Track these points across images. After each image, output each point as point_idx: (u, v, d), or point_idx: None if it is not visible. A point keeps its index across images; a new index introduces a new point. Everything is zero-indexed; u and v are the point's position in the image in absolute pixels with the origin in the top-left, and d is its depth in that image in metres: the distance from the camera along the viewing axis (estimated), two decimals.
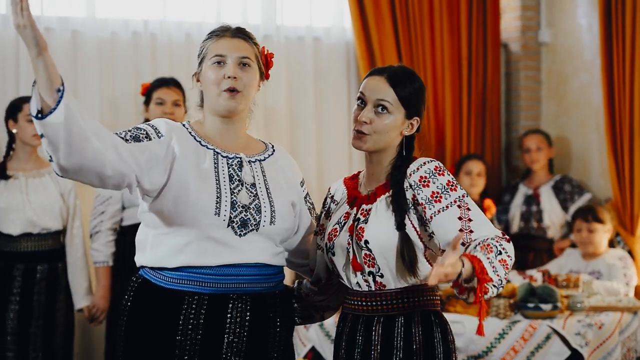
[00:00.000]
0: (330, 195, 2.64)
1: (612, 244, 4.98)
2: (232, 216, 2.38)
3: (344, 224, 2.49)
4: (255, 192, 2.44)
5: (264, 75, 2.60)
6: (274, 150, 2.62)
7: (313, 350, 4.22)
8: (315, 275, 2.65)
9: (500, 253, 2.30)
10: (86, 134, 2.15)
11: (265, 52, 2.58)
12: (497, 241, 2.32)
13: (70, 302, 4.35)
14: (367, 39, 5.37)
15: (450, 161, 5.61)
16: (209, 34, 2.52)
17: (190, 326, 2.36)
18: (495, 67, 5.79)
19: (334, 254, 2.48)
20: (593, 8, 5.39)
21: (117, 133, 2.33)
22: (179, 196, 2.35)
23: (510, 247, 2.33)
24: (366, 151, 2.49)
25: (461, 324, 4.00)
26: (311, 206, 2.66)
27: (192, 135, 2.46)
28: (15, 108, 4.24)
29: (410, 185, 2.41)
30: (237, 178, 2.44)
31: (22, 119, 4.20)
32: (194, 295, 2.37)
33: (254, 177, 2.47)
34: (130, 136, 2.34)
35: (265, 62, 2.58)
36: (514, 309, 4.13)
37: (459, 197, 2.37)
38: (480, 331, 2.36)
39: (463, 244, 2.32)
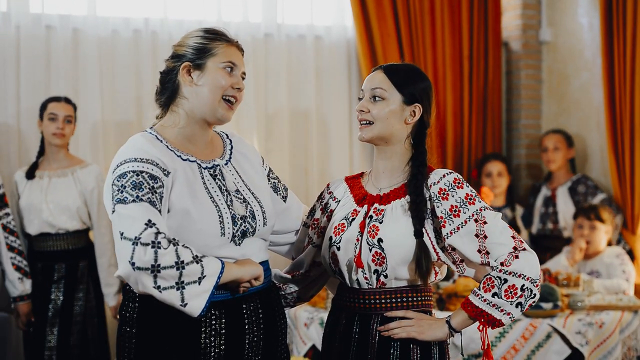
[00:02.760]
0: (329, 192, 2.64)
1: (611, 244, 4.97)
2: (235, 231, 2.37)
3: (353, 219, 2.49)
4: (242, 198, 2.44)
5: None
6: (230, 141, 2.57)
7: (313, 348, 4.22)
8: (298, 263, 2.66)
9: (506, 281, 2.35)
10: None
11: None
12: (500, 271, 2.36)
13: (96, 300, 4.38)
14: (368, 38, 5.37)
15: (452, 160, 5.61)
16: (214, 34, 2.44)
17: (213, 332, 2.35)
18: (496, 65, 5.80)
19: (338, 249, 2.48)
20: (594, 7, 5.39)
21: (154, 203, 2.23)
22: (183, 224, 2.31)
23: (522, 262, 2.35)
24: (371, 141, 2.49)
25: None
26: (276, 181, 2.65)
27: (171, 150, 2.39)
28: (42, 107, 4.33)
29: (430, 198, 2.43)
30: (225, 188, 2.42)
31: (45, 118, 4.30)
32: (210, 304, 2.34)
33: (235, 183, 2.46)
34: (159, 200, 2.26)
35: None
36: None
37: (477, 210, 2.39)
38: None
39: (482, 264, 2.41)
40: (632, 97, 4.98)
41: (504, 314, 2.36)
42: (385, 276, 2.43)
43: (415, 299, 2.46)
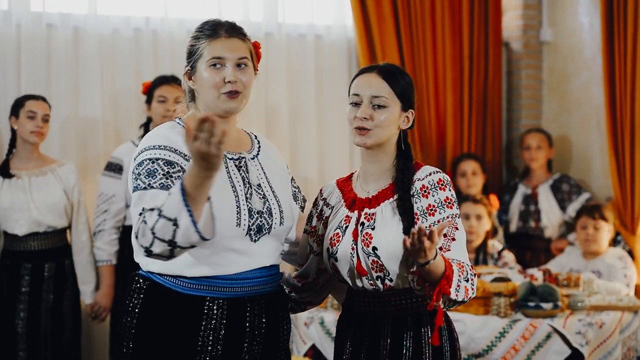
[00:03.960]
0: (322, 198, 2.62)
1: (612, 244, 4.97)
2: (250, 224, 2.37)
3: (346, 228, 2.47)
4: (262, 194, 2.44)
5: (255, 69, 2.55)
6: (259, 141, 2.59)
7: (313, 347, 4.22)
8: (304, 272, 2.64)
9: (467, 280, 2.36)
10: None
11: (254, 45, 2.54)
12: (470, 269, 2.38)
13: (77, 299, 4.36)
14: (368, 37, 5.36)
15: (451, 159, 5.60)
16: (200, 31, 2.45)
17: (211, 330, 2.35)
18: (496, 65, 5.79)
19: (337, 260, 2.47)
20: (594, 7, 5.39)
21: (168, 187, 2.26)
22: None
23: (475, 282, 2.40)
24: (370, 147, 2.47)
25: (461, 322, 4.00)
26: (296, 190, 2.66)
27: None
28: (18, 104, 4.24)
29: (412, 194, 2.42)
30: (248, 181, 2.43)
31: (23, 115, 4.20)
32: (214, 300, 2.36)
33: (258, 178, 2.47)
34: (175, 182, 2.29)
35: (256, 56, 2.54)
36: (515, 308, 4.13)
37: (452, 215, 2.40)
38: (434, 339, 2.41)
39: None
40: (632, 96, 4.98)
41: (456, 293, 2.31)
42: (391, 280, 2.42)
43: (424, 299, 2.45)
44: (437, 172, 2.45)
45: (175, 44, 5.01)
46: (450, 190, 2.42)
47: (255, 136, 2.61)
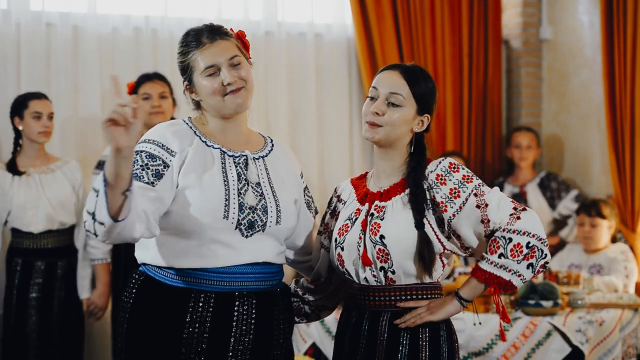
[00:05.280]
0: (336, 195, 2.64)
1: (614, 240, 4.98)
2: (240, 219, 2.38)
3: (356, 219, 2.49)
4: (260, 192, 2.45)
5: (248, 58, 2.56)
6: (272, 145, 2.61)
7: (314, 346, 4.23)
8: (316, 272, 2.65)
9: (510, 240, 2.36)
10: (134, 219, 2.19)
11: (239, 35, 2.55)
12: (504, 230, 2.37)
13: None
14: (368, 36, 5.36)
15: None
16: (185, 45, 2.51)
17: (197, 323, 2.36)
18: (496, 63, 5.79)
19: (342, 249, 2.48)
20: (594, 5, 5.39)
21: (140, 177, 2.31)
22: (187, 201, 2.35)
23: (524, 221, 2.38)
24: (377, 143, 2.49)
25: (462, 320, 4.00)
26: (310, 199, 2.67)
27: (197, 135, 2.46)
28: (21, 105, 4.23)
29: (429, 187, 2.43)
30: (244, 177, 2.44)
31: (28, 116, 4.20)
32: (201, 293, 2.37)
33: (258, 176, 2.47)
34: (153, 175, 2.33)
35: (244, 47, 2.54)
36: (515, 306, 4.13)
37: (475, 186, 2.42)
38: (502, 337, 2.62)
39: (486, 235, 2.40)
40: (632, 94, 4.98)
41: (512, 274, 2.37)
42: (393, 272, 2.43)
43: (424, 296, 2.47)
44: (444, 159, 2.48)
45: (175, 42, 4.92)
46: (463, 168, 2.45)
47: (272, 140, 2.63)
